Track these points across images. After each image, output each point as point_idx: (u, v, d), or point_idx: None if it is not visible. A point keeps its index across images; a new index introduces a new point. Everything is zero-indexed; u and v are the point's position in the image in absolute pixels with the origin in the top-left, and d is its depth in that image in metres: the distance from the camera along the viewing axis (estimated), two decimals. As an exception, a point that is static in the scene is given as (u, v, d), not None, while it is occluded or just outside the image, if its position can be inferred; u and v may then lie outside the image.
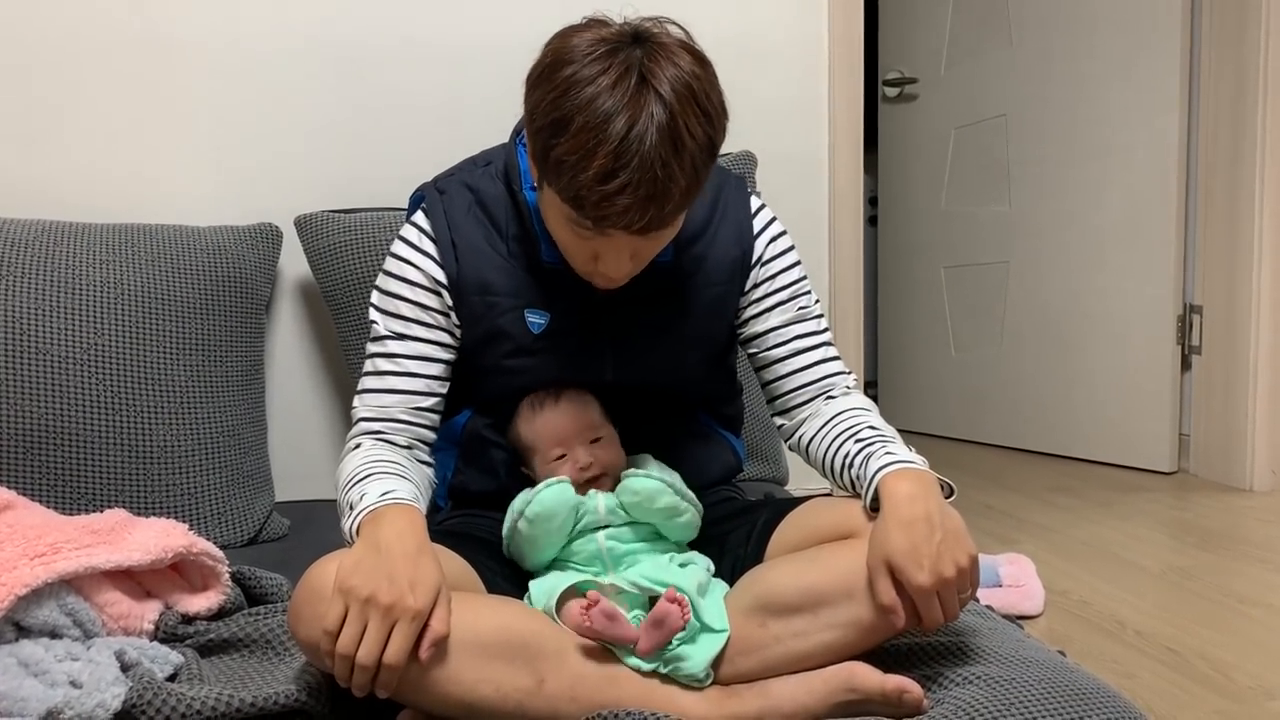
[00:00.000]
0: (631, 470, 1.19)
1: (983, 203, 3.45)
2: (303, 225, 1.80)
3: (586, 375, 1.26)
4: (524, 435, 1.26)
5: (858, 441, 1.16)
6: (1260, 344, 2.74)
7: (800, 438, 1.29)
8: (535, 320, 1.23)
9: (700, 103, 1.04)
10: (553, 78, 1.03)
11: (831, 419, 1.24)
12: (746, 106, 2.12)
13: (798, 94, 2.15)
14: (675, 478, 1.21)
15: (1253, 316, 2.74)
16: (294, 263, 1.87)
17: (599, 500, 1.18)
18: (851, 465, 1.15)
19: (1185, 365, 2.98)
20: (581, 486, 1.20)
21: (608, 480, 1.22)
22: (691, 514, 1.18)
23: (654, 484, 1.16)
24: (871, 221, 3.99)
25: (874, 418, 1.23)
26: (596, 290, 1.21)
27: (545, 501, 1.14)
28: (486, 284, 1.23)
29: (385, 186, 1.86)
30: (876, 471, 1.08)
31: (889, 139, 3.81)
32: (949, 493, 1.09)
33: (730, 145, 1.97)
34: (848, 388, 1.31)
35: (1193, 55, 2.86)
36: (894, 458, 1.09)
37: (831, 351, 1.32)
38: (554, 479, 1.16)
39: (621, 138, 0.99)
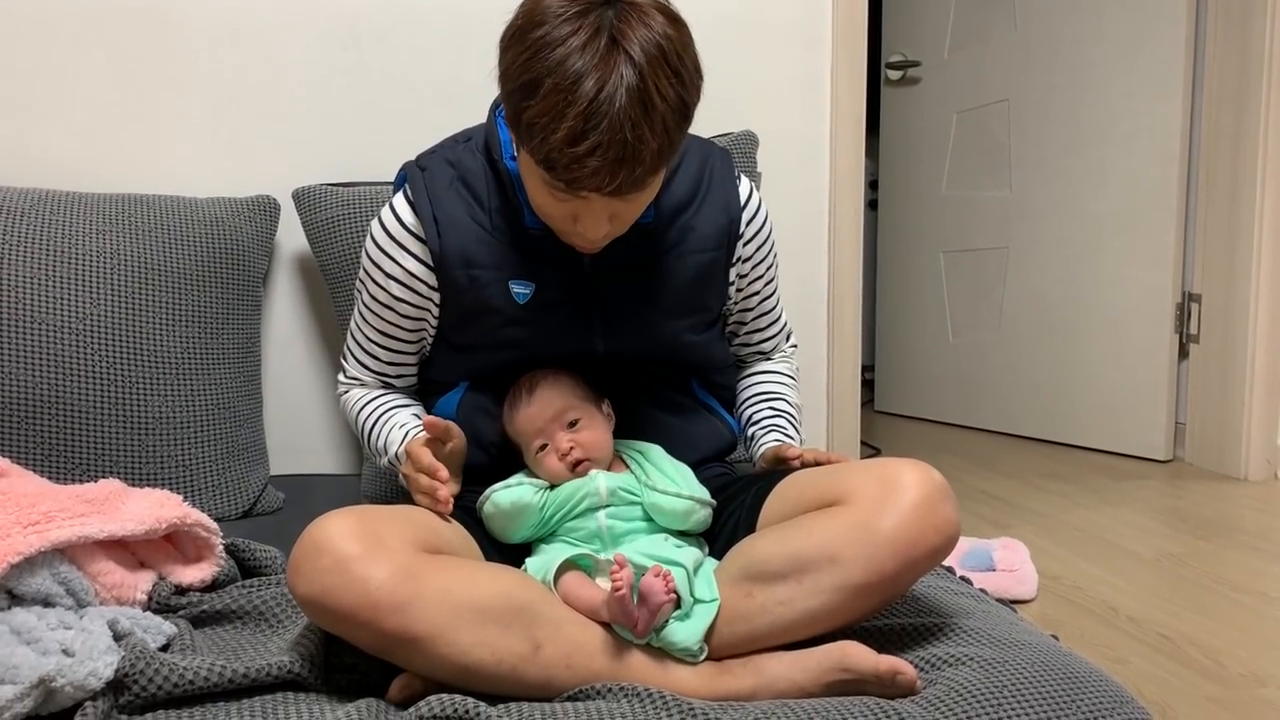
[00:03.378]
0: (659, 482, 1.19)
1: (983, 188, 3.44)
2: (300, 198, 1.79)
3: (577, 346, 1.27)
4: (509, 432, 1.27)
5: (773, 412, 1.43)
6: (1258, 333, 2.74)
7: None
8: (520, 290, 1.24)
9: (671, 63, 1.04)
10: (524, 39, 1.04)
11: (761, 373, 1.49)
12: (748, 86, 2.13)
13: (800, 75, 2.14)
14: (689, 475, 1.22)
15: (1251, 306, 2.74)
16: (291, 236, 1.86)
17: (600, 481, 1.18)
18: (757, 423, 1.43)
19: (1183, 353, 2.98)
20: (572, 470, 1.20)
21: (597, 464, 1.21)
22: (708, 513, 1.19)
23: (684, 504, 1.17)
24: (872, 205, 3.98)
25: (792, 393, 1.47)
26: (583, 260, 1.23)
27: (499, 503, 1.17)
28: (469, 257, 1.24)
29: (384, 160, 1.85)
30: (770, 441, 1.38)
31: (891, 122, 3.80)
32: None
33: (731, 125, 2.00)
34: (784, 351, 1.54)
35: (1197, 42, 2.85)
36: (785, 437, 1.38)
37: (784, 318, 1.53)
38: (516, 480, 1.19)
39: (590, 99, 0.99)
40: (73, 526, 1.13)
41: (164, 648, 1.07)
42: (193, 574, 1.24)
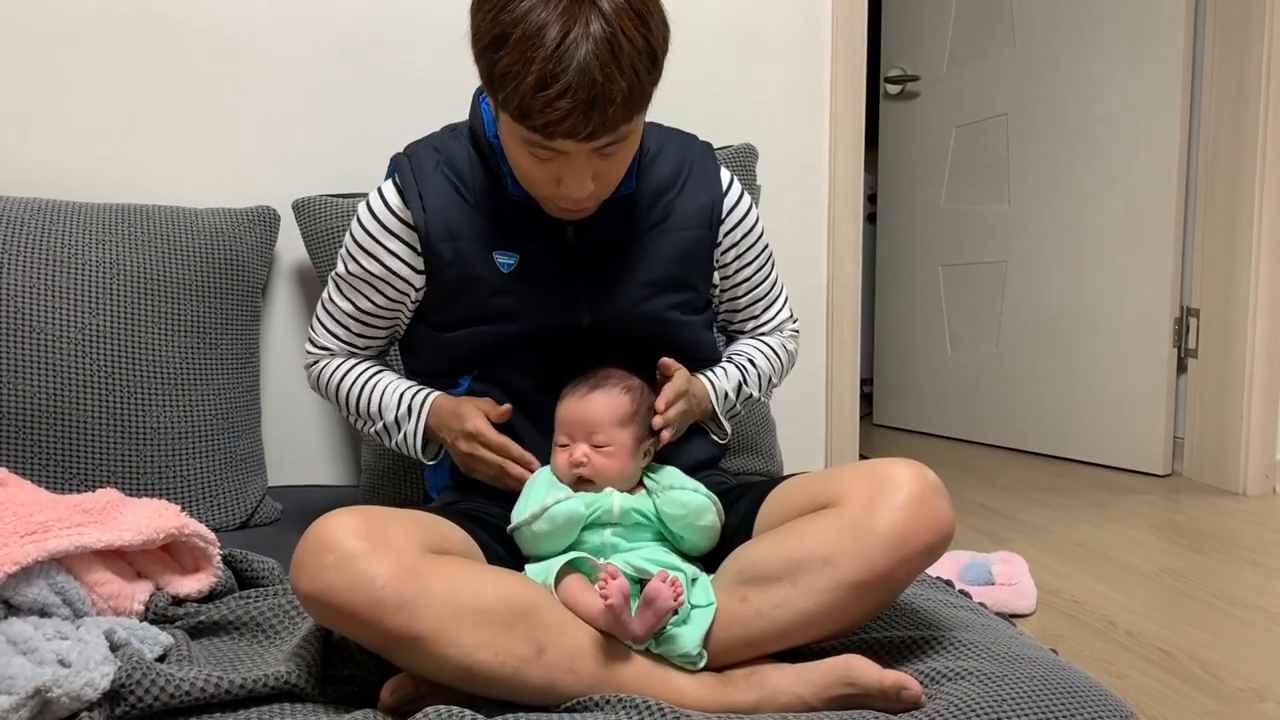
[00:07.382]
0: (676, 482, 1.18)
1: (982, 202, 3.45)
2: (300, 209, 1.79)
3: (563, 320, 1.29)
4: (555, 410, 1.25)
5: (729, 359, 1.45)
6: (1256, 348, 2.74)
7: None
8: (504, 261, 1.28)
9: (637, 9, 1.08)
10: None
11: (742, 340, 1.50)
12: (748, 100, 2.14)
13: (800, 89, 2.15)
14: (701, 487, 1.20)
15: (1249, 320, 2.74)
16: (291, 247, 1.86)
17: (614, 500, 1.17)
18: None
19: (1181, 368, 2.98)
20: (574, 484, 1.19)
21: (598, 486, 1.19)
22: (718, 520, 1.17)
23: (700, 499, 1.15)
24: (870, 219, 3.98)
25: (760, 354, 1.45)
26: (566, 234, 1.27)
27: (556, 518, 1.12)
28: (453, 230, 1.28)
29: (384, 171, 1.85)
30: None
31: (890, 136, 3.81)
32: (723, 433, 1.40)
33: (731, 138, 2.00)
34: (782, 332, 1.52)
35: (1195, 57, 2.86)
36: (718, 386, 1.38)
37: (783, 302, 1.52)
38: (572, 495, 1.15)
39: (557, 44, 1.04)
40: (70, 536, 1.13)
41: (161, 658, 1.07)
42: (190, 584, 1.24)
